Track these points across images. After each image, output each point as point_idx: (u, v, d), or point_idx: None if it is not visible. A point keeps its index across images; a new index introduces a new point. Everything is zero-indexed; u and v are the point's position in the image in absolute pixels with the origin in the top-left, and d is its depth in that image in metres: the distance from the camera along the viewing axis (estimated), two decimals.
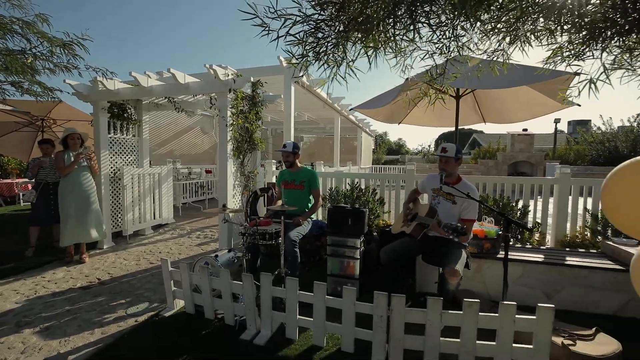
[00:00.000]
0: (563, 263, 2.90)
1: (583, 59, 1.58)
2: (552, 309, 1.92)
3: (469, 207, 2.56)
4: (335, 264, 3.12)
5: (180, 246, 4.95)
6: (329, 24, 1.18)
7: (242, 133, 4.26)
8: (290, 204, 3.32)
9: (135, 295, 3.21)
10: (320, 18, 1.14)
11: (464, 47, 1.45)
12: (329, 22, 1.17)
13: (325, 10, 1.12)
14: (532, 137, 15.69)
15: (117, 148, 5.05)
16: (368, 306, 2.15)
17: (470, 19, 1.32)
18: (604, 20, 1.28)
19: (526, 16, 1.37)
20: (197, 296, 2.74)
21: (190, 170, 8.85)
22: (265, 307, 2.43)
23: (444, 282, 2.44)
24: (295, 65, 1.30)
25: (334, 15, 1.15)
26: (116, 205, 5.09)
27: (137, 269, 3.98)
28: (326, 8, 1.12)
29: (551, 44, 1.42)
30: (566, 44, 1.55)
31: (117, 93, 4.50)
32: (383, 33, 1.26)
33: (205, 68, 3.88)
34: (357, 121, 10.96)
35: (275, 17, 1.10)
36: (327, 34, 1.21)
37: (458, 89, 3.77)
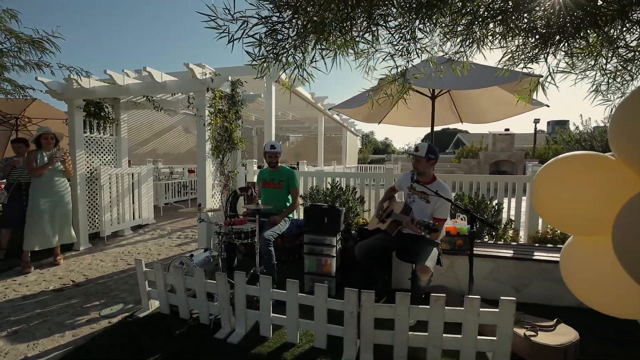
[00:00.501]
0: (531, 258, 3.01)
1: (538, 61, 1.65)
2: (513, 302, 2.00)
3: (441, 206, 2.63)
4: (312, 262, 3.16)
5: (159, 247, 4.89)
6: (286, 27, 1.21)
7: (221, 132, 4.24)
8: (269, 202, 3.34)
9: (110, 297, 3.16)
10: (276, 20, 1.17)
11: (423, 49, 1.50)
12: (286, 24, 1.20)
13: (282, 12, 1.15)
14: (512, 137, 16.15)
15: (93, 147, 4.94)
16: (339, 303, 2.19)
17: (425, 23, 1.37)
18: (549, 26, 1.35)
19: (479, 21, 1.42)
20: (172, 296, 2.72)
21: (172, 170, 8.74)
22: (239, 306, 2.44)
23: (416, 278, 2.50)
24: (254, 66, 1.32)
25: (290, 18, 1.17)
26: (93, 206, 4.98)
27: (113, 270, 3.92)
28: (283, 10, 1.14)
29: (504, 47, 1.49)
30: (521, 48, 1.63)
31: (93, 91, 4.41)
32: (341, 36, 1.29)
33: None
34: (341, 121, 11.03)
35: (232, 20, 1.11)
36: (286, 35, 1.24)
37: (433, 89, 3.86)
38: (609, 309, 1.35)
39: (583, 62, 1.47)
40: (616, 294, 1.22)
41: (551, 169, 1.39)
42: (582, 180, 1.29)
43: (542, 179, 1.41)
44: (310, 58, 1.34)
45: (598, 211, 1.22)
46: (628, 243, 0.94)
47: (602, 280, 1.25)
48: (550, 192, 1.36)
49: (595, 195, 1.27)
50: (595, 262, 1.28)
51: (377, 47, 1.52)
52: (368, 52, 1.59)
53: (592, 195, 1.28)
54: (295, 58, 1.33)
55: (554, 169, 1.38)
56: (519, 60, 1.68)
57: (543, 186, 1.40)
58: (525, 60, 1.67)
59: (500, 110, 4.14)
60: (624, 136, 1.13)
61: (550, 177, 1.37)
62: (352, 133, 14.28)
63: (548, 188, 1.37)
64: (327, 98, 7.83)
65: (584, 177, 1.29)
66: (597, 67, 1.43)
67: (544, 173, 1.41)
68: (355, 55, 1.44)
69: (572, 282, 1.53)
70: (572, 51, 1.37)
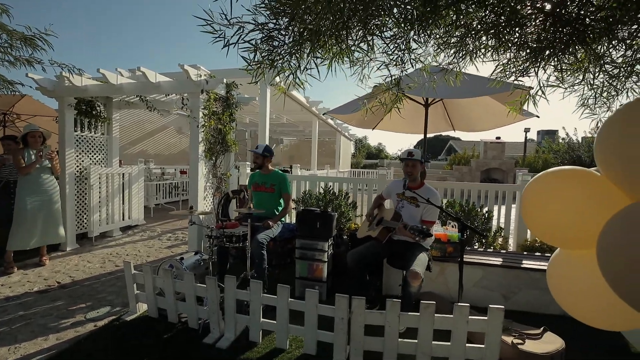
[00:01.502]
0: (519, 266, 3.05)
1: (529, 75, 1.69)
2: (502, 310, 2.02)
3: (430, 209, 2.67)
4: (303, 267, 3.15)
5: (149, 248, 4.82)
6: (282, 34, 1.22)
7: (214, 134, 4.22)
8: (260, 206, 3.33)
9: (96, 299, 3.10)
10: (272, 27, 1.18)
11: (417, 59, 1.53)
12: (282, 31, 1.21)
13: (279, 19, 1.16)
14: (503, 145, 16.40)
15: (84, 146, 4.87)
16: (330, 308, 2.18)
17: (420, 34, 1.40)
18: (539, 41, 1.38)
19: (472, 34, 1.45)
20: (160, 299, 2.69)
21: (164, 171, 8.64)
22: (229, 310, 2.42)
23: (406, 284, 2.52)
24: (250, 71, 1.32)
25: (286, 25, 1.18)
26: (82, 205, 4.89)
27: (101, 271, 3.85)
28: (280, 18, 1.15)
29: (495, 60, 1.52)
30: (513, 61, 1.66)
31: (85, 90, 4.35)
32: (337, 44, 1.30)
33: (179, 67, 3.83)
34: (335, 125, 11.07)
35: (228, 25, 1.12)
36: (281, 42, 1.25)
37: (427, 97, 3.91)
38: (593, 321, 1.37)
39: (572, 76, 1.51)
40: (600, 307, 1.25)
41: (539, 183, 1.42)
42: (568, 195, 1.32)
43: (530, 192, 1.44)
44: (305, 65, 1.35)
45: (583, 226, 1.25)
46: (611, 258, 0.97)
47: (587, 293, 1.28)
48: (538, 206, 1.39)
49: (580, 210, 1.30)
50: (581, 275, 1.31)
51: (372, 56, 1.54)
52: (363, 60, 1.61)
53: (578, 210, 1.31)
54: (290, 65, 1.34)
55: (543, 183, 1.41)
56: (510, 73, 1.72)
57: (531, 199, 1.43)
58: (516, 72, 1.70)
59: (492, 119, 4.21)
60: (609, 153, 1.16)
61: (538, 190, 1.40)
62: (346, 137, 14.34)
63: (536, 201, 1.40)
64: (322, 102, 7.86)
65: (570, 192, 1.33)
66: (585, 82, 1.47)
67: (533, 186, 1.44)
68: (350, 64, 1.46)
69: (558, 294, 1.55)
70: (561, 66, 1.40)
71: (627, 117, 1.16)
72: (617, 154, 1.12)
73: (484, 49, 1.52)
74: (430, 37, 1.50)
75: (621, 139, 1.11)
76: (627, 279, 0.94)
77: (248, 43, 1.19)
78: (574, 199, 1.32)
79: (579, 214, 1.29)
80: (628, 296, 0.98)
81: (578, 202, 1.31)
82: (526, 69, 1.67)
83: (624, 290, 0.97)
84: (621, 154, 1.10)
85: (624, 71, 1.62)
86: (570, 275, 1.38)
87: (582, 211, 1.28)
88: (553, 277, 1.55)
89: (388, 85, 1.63)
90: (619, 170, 1.13)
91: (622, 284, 0.97)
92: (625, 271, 0.93)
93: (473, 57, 1.65)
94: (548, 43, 1.40)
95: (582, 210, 1.28)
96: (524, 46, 1.48)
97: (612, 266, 0.98)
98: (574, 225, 1.28)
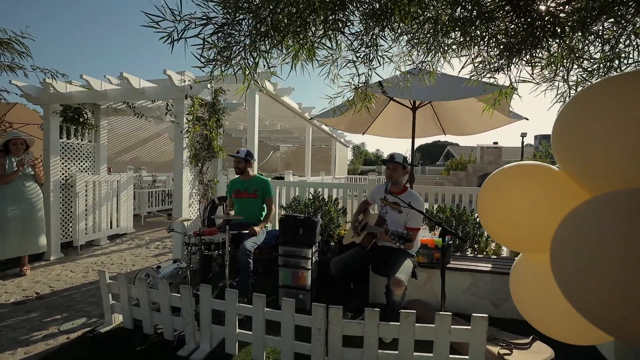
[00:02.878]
0: (508, 272, 2.95)
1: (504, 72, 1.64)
2: (485, 319, 1.93)
3: (414, 216, 2.59)
4: (287, 275, 3.05)
5: (135, 257, 4.72)
6: (236, 29, 1.16)
7: (200, 140, 4.16)
8: (243, 213, 3.25)
9: (74, 310, 3.00)
10: (223, 22, 1.12)
11: (386, 57, 1.47)
12: (236, 26, 1.16)
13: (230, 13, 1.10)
14: (500, 150, 16.38)
15: (70, 154, 4.80)
16: (307, 318, 2.09)
17: (384, 29, 1.34)
18: (509, 36, 1.33)
19: (441, 29, 1.40)
20: (136, 310, 2.59)
21: (155, 178, 8.57)
22: (204, 321, 2.32)
23: (389, 293, 2.43)
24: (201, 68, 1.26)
25: (239, 19, 1.13)
26: (67, 214, 4.81)
27: (83, 281, 3.75)
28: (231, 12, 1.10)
29: (467, 55, 1.47)
30: (485, 57, 1.61)
31: (70, 96, 4.31)
32: (297, 41, 1.25)
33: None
34: (330, 131, 11.02)
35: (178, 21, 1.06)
36: (237, 38, 1.19)
37: (414, 100, 3.86)
38: (559, 335, 1.25)
39: (549, 71, 1.45)
40: (565, 319, 1.13)
41: (495, 181, 1.32)
42: (524, 193, 1.23)
43: (487, 191, 1.34)
44: (265, 62, 1.29)
45: (542, 226, 1.13)
46: (561, 258, 0.88)
47: (550, 303, 1.16)
48: (494, 205, 1.29)
49: (538, 208, 1.20)
50: (542, 283, 1.19)
51: (339, 53, 1.48)
52: (331, 58, 1.55)
53: (536, 209, 1.20)
54: (247, 62, 1.28)
55: (499, 180, 1.31)
56: (483, 71, 1.66)
57: (487, 198, 1.33)
58: (490, 70, 1.64)
59: (480, 122, 4.15)
60: (565, 145, 1.07)
61: (494, 189, 1.31)
62: (342, 144, 14.29)
63: (492, 200, 1.30)
64: (314, 108, 7.82)
65: (527, 190, 1.24)
66: (560, 78, 1.41)
67: (489, 185, 1.34)
68: (314, 62, 1.40)
69: (520, 305, 1.44)
70: (533, 61, 1.34)
71: (583, 105, 1.08)
72: (573, 145, 1.03)
73: (455, 45, 1.46)
74: (397, 33, 1.44)
75: (577, 129, 1.02)
76: (577, 282, 0.84)
77: (198, 38, 1.13)
78: (531, 197, 1.22)
79: (537, 212, 1.19)
80: (577, 302, 0.88)
81: (535, 200, 1.21)
82: (500, 66, 1.61)
83: (574, 295, 0.86)
84: (578, 145, 1.02)
85: (602, 67, 1.56)
86: (532, 284, 1.28)
87: (539, 209, 1.18)
88: (514, 286, 1.44)
89: (357, 85, 1.56)
90: (576, 164, 1.04)
91: (571, 287, 0.87)
92: (574, 273, 0.84)
93: (445, 55, 1.59)
94: (519, 38, 1.34)
95: (539, 209, 1.18)
96: (494, 42, 1.42)
97: (562, 267, 0.88)
98: (532, 226, 1.19)
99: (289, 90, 5.98)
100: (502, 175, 1.31)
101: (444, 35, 1.38)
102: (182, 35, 1.08)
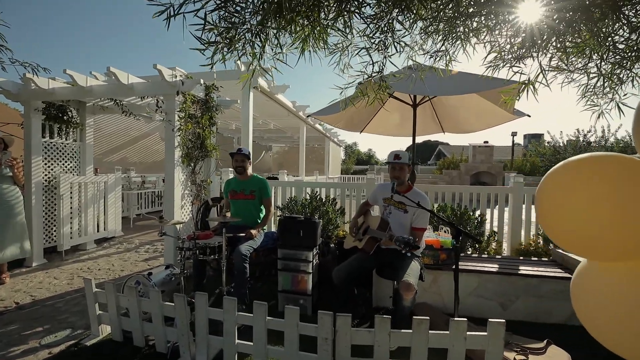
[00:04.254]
0: (516, 273, 2.87)
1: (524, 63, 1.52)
2: (503, 324, 1.82)
3: (420, 215, 2.47)
4: (286, 279, 2.91)
5: (124, 262, 4.50)
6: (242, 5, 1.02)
7: (192, 139, 3.98)
8: (240, 215, 3.08)
9: (57, 321, 2.79)
10: None
11: (402, 42, 1.34)
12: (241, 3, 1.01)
13: None
14: (491, 149, 16.49)
15: (53, 154, 4.55)
16: (312, 327, 1.95)
17: (404, 12, 1.21)
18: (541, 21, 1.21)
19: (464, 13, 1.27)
20: (125, 320, 2.41)
21: (144, 179, 8.30)
22: (200, 331, 2.16)
23: (399, 298, 2.29)
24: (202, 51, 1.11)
25: None
26: (51, 217, 4.56)
27: (67, 289, 3.53)
28: None
29: (489, 42, 1.35)
30: (507, 47, 1.49)
31: (52, 93, 4.07)
32: (309, 23, 1.11)
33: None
34: (324, 130, 10.90)
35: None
36: (241, 19, 1.04)
37: (415, 97, 3.76)
38: (634, 355, 1.07)
39: (576, 60, 1.34)
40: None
41: (560, 176, 1.12)
42: (600, 190, 1.03)
43: (548, 189, 1.15)
44: (272, 47, 1.15)
45: (623, 230, 0.97)
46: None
47: (628, 319, 0.99)
48: (558, 205, 1.09)
49: (618, 209, 1.00)
50: (620, 296, 1.03)
51: (351, 40, 1.35)
52: (342, 46, 1.42)
53: (615, 210, 1.01)
54: (253, 46, 1.14)
55: (564, 176, 1.11)
56: (505, 60, 1.54)
57: (549, 198, 1.13)
58: (511, 60, 1.53)
59: (483, 120, 4.08)
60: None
61: (559, 186, 1.11)
62: (335, 143, 14.19)
63: (555, 200, 1.10)
64: (309, 107, 7.68)
65: (603, 186, 1.03)
66: (594, 65, 1.31)
67: (550, 180, 1.15)
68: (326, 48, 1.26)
69: (587, 320, 1.26)
70: (565, 47, 1.23)
71: None
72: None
73: (477, 30, 1.34)
74: (417, 17, 1.31)
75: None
76: None
77: (198, 17, 0.98)
78: (609, 195, 1.02)
79: (616, 214, 1.00)
80: None
81: (613, 199, 1.01)
82: (522, 55, 1.50)
83: None
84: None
85: (628, 57, 1.46)
86: (605, 296, 1.10)
87: (620, 211, 0.99)
88: (581, 301, 1.23)
89: (370, 75, 1.43)
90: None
91: None
92: None
93: (464, 42, 1.47)
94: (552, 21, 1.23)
95: (620, 210, 0.99)
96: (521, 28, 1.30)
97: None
98: (610, 230, 1.00)
99: (284, 87, 5.83)
100: (569, 168, 1.14)
101: (467, 20, 1.26)
102: (180, 10, 0.93)
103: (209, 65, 1.09)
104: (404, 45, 1.37)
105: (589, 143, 17.73)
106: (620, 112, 1.59)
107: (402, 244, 2.15)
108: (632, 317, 0.94)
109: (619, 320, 1.01)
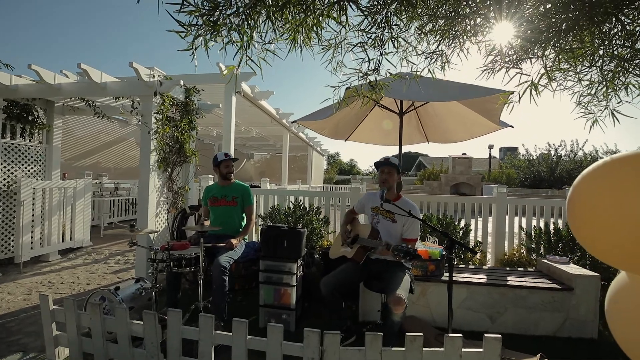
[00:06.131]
0: (504, 284, 2.83)
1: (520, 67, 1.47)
2: (499, 340, 1.72)
3: (411, 226, 2.37)
4: (269, 293, 2.72)
5: (91, 274, 4.16)
6: None
7: (170, 143, 3.76)
8: (221, 223, 2.89)
9: (6, 344, 2.48)
10: None
11: (398, 38, 1.26)
12: None
13: None
14: (470, 161, 16.94)
15: (14, 156, 4.20)
16: (298, 346, 1.79)
17: (404, 5, 1.13)
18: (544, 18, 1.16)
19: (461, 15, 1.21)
20: (87, 342, 2.15)
21: (118, 186, 7.87)
22: (172, 353, 1.94)
23: (389, 312, 2.16)
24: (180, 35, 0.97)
25: None
26: (9, 225, 4.17)
27: (23, 305, 3.19)
28: None
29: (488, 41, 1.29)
30: (505, 49, 1.44)
31: (15, 90, 3.76)
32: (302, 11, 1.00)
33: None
34: (307, 139, 10.82)
35: None
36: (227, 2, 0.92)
37: (401, 103, 3.73)
38: None
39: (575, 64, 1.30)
40: None
41: (598, 179, 0.98)
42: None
43: (583, 195, 1.03)
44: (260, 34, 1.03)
45: None
46: None
47: None
48: (594, 211, 0.99)
49: None
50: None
51: (345, 35, 1.25)
52: (335, 41, 1.32)
53: None
54: (240, 33, 1.01)
55: (602, 179, 0.94)
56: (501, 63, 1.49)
57: (585, 204, 1.02)
58: (508, 63, 1.48)
59: (466, 130, 4.10)
60: None
61: (596, 191, 0.99)
62: (318, 152, 14.14)
63: (591, 205, 0.99)
64: (293, 114, 7.58)
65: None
66: (597, 67, 1.27)
67: (586, 186, 1.02)
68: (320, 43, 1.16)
69: (622, 337, 1.15)
70: (571, 46, 1.19)
71: None
72: None
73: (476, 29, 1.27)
74: (415, 11, 1.23)
75: None
76: None
77: None
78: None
79: None
80: None
81: None
82: (520, 57, 1.45)
83: None
84: None
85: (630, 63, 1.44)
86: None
87: None
88: (619, 319, 1.13)
89: (365, 73, 1.34)
90: None
91: None
92: None
93: (462, 42, 1.41)
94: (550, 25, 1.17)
95: None
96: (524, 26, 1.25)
97: None
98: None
99: (268, 94, 5.71)
100: (607, 171, 1.01)
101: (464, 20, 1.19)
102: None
103: (189, 50, 0.95)
104: (401, 42, 1.29)
105: (559, 157, 18.62)
106: (614, 119, 1.57)
107: (402, 253, 2.04)
108: None
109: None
